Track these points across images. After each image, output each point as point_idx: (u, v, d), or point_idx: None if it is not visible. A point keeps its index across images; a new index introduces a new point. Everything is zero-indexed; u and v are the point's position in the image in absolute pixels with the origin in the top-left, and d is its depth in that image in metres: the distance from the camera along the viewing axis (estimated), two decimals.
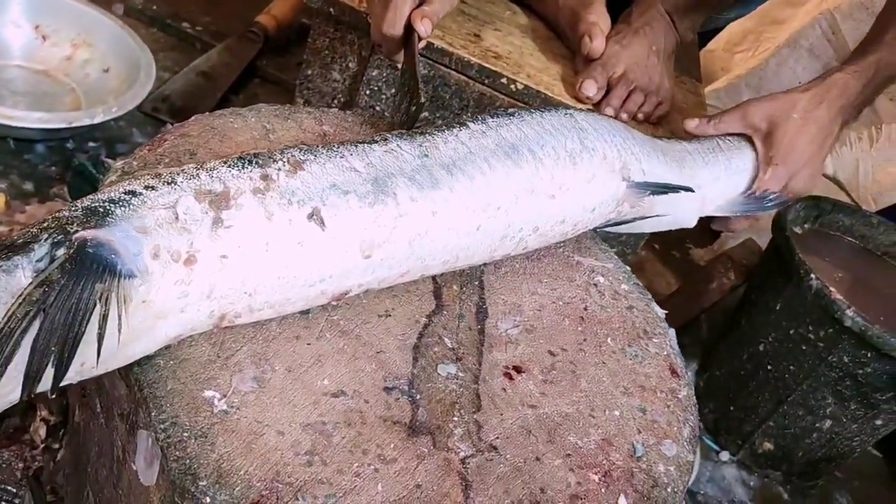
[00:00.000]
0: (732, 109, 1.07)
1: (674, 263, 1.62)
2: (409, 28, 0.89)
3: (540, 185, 0.71)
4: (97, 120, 1.24)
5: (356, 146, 0.65)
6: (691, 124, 1.05)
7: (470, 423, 0.60)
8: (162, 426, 0.52)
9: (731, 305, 1.34)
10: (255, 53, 1.61)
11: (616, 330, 0.73)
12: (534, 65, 1.18)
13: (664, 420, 0.67)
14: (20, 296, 0.48)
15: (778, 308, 1.18)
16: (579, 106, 1.12)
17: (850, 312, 1.07)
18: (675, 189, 0.85)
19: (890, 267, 1.32)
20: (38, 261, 0.50)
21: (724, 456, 1.28)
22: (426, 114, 1.20)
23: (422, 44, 0.92)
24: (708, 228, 1.73)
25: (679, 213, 0.93)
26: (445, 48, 1.13)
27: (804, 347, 1.15)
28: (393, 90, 1.19)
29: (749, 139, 1.04)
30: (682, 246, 1.66)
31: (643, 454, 0.63)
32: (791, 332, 1.16)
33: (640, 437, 0.64)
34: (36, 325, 0.48)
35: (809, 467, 1.25)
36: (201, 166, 0.59)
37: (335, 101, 1.25)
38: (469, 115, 0.85)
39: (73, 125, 1.22)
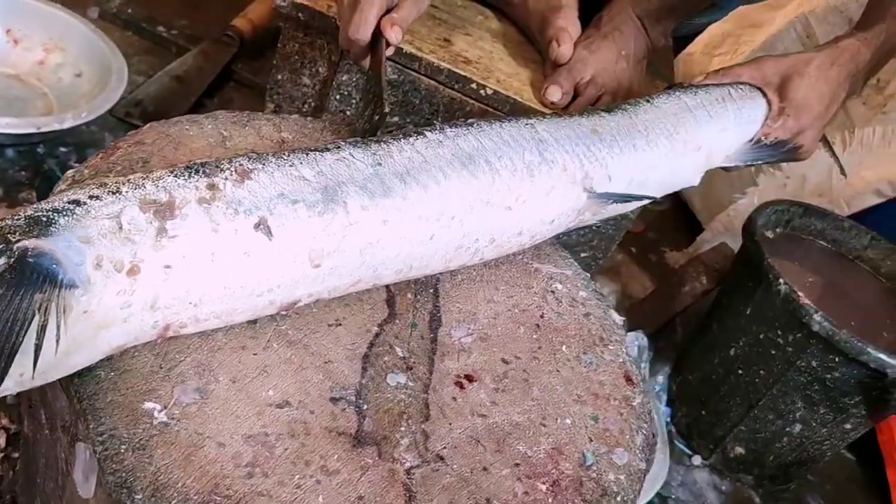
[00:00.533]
0: (745, 63, 1.05)
1: (649, 266, 1.62)
2: (377, 34, 0.89)
3: (496, 197, 0.71)
4: (67, 125, 1.24)
5: (307, 154, 0.64)
6: (698, 79, 1.04)
7: (417, 434, 0.59)
8: (100, 438, 0.51)
9: (704, 309, 1.35)
10: (230, 57, 1.61)
11: (572, 337, 0.73)
12: (504, 70, 1.18)
13: (616, 428, 0.67)
14: None
15: (748, 313, 1.18)
16: (547, 111, 1.12)
17: (817, 317, 1.07)
18: (637, 198, 0.85)
19: (862, 271, 1.33)
20: None
21: (697, 460, 1.28)
22: (396, 118, 1.20)
23: (390, 50, 0.92)
24: (683, 230, 1.74)
25: (679, 178, 0.93)
26: (415, 53, 1.13)
27: (774, 352, 1.15)
28: (362, 94, 1.19)
29: (761, 91, 1.02)
30: (658, 249, 1.66)
31: (593, 463, 0.63)
32: (761, 336, 1.16)
33: (591, 446, 0.64)
34: None
35: (780, 471, 1.26)
36: (147, 176, 0.58)
37: (305, 106, 1.24)
38: (435, 122, 0.84)
39: (43, 130, 1.21)
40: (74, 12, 1.42)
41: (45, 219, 0.53)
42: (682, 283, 1.34)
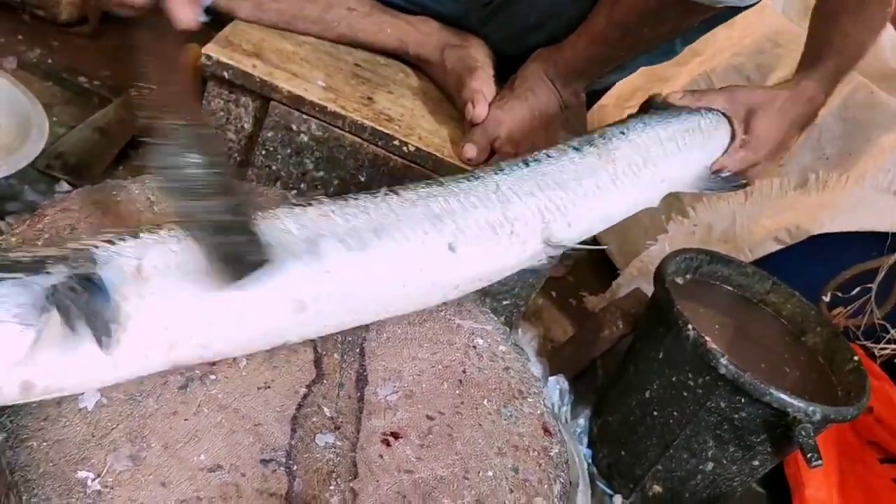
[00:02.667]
0: (716, 91, 1.10)
1: (569, 310, 1.68)
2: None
3: (462, 251, 0.75)
4: None
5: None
6: (676, 96, 1.07)
7: (346, 492, 0.62)
8: None
9: (621, 353, 1.40)
10: None
11: (493, 391, 0.77)
12: (425, 126, 1.22)
13: (535, 478, 0.70)
14: None
15: (660, 357, 1.24)
16: (468, 168, 1.17)
17: (723, 360, 1.14)
18: (589, 248, 0.91)
19: (765, 314, 1.41)
20: None
21: (618, 500, 1.33)
22: (322, 173, 1.23)
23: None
24: (601, 274, 1.81)
25: (638, 208, 0.97)
26: (339, 111, 1.17)
27: (685, 394, 1.21)
28: (288, 150, 1.22)
29: (728, 120, 1.07)
30: (577, 293, 1.72)
31: None
32: (673, 379, 1.22)
33: (511, 497, 0.67)
34: None
35: None
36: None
37: (231, 161, 1.26)
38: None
39: None
40: None
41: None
42: (601, 328, 1.39)
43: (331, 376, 0.71)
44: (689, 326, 1.17)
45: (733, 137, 1.07)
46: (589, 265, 1.82)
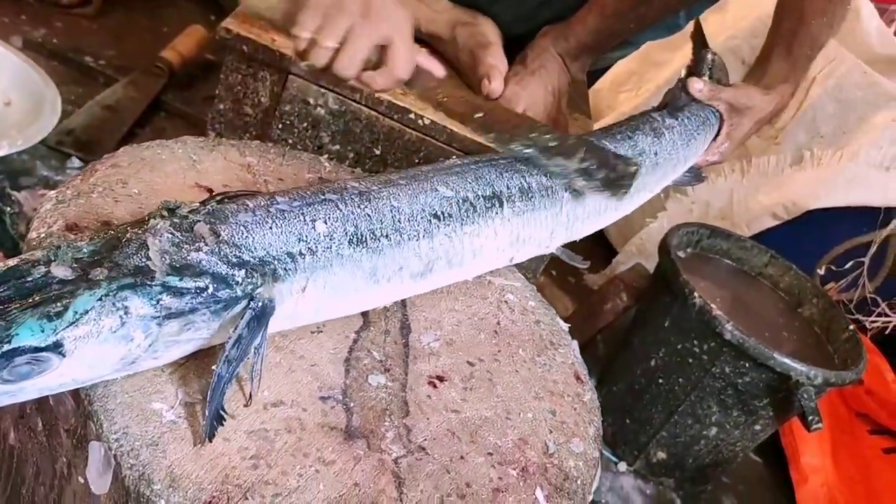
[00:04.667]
0: (726, 91, 1.12)
1: (569, 288, 1.71)
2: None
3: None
4: (2, 153, 1.24)
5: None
6: (696, 87, 1.10)
7: (400, 428, 0.65)
8: (114, 437, 0.54)
9: (623, 325, 1.44)
10: (160, 88, 1.63)
11: (526, 342, 0.80)
12: (438, 101, 1.25)
13: (572, 421, 0.74)
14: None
15: (666, 325, 1.28)
16: (480, 139, 1.20)
17: (729, 327, 1.18)
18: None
19: (763, 286, 1.45)
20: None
21: (622, 466, 1.37)
22: (337, 147, 1.26)
23: None
24: (598, 253, 1.84)
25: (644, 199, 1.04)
26: (356, 85, 1.19)
27: (690, 361, 1.25)
28: (305, 124, 1.24)
29: (720, 122, 1.11)
30: (576, 272, 1.76)
31: (555, 451, 0.69)
32: (678, 347, 1.26)
33: (551, 437, 0.71)
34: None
35: (699, 473, 1.35)
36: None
37: (247, 135, 1.28)
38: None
39: None
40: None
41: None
42: (605, 301, 1.43)
43: (376, 324, 0.74)
44: (695, 294, 1.21)
45: (717, 136, 1.13)
46: (587, 244, 1.86)
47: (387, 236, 0.67)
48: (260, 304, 0.59)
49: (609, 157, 0.77)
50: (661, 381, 1.30)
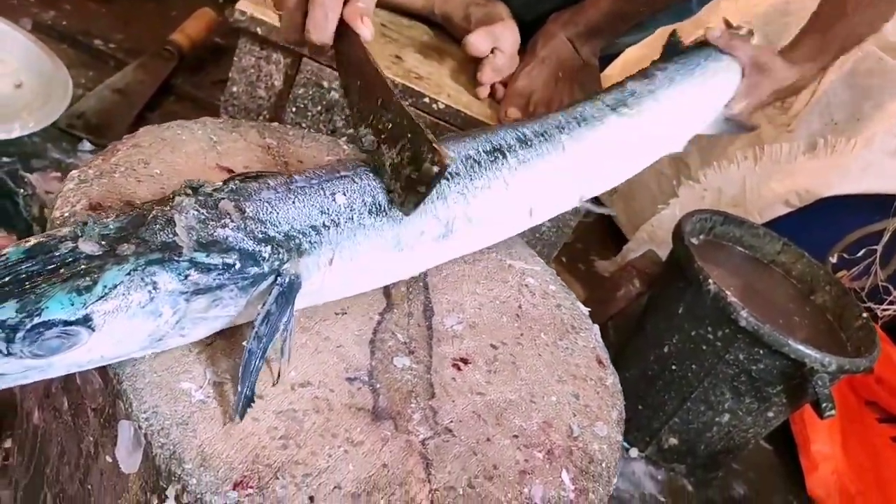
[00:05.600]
0: (746, 44, 1.13)
1: (580, 275, 1.71)
2: (343, 28, 0.79)
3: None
4: (14, 135, 1.23)
5: None
6: (714, 33, 1.11)
7: (426, 409, 0.64)
8: (144, 416, 0.54)
9: (636, 312, 1.44)
10: (170, 71, 1.62)
11: (548, 326, 0.80)
12: (452, 85, 1.25)
13: (595, 404, 0.73)
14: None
15: (680, 312, 1.28)
16: (493, 122, 1.20)
17: (744, 314, 1.17)
18: (602, 210, 0.98)
19: (775, 274, 1.45)
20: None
21: (634, 452, 1.37)
22: (351, 131, 1.25)
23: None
24: (608, 241, 1.84)
25: (665, 153, 1.02)
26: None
27: (704, 347, 1.25)
28: (318, 108, 1.24)
29: (741, 73, 1.12)
30: (587, 259, 1.76)
31: (579, 434, 0.69)
32: (692, 333, 1.26)
33: (575, 420, 0.70)
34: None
35: (710, 460, 1.36)
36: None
37: (260, 118, 1.28)
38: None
39: None
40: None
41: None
42: (617, 288, 1.43)
43: (400, 306, 0.73)
44: (710, 281, 1.21)
45: (739, 86, 1.13)
46: (597, 231, 1.86)
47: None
48: (287, 279, 0.59)
49: (423, 150, 0.65)
50: (674, 367, 1.30)
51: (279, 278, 0.59)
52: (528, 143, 0.79)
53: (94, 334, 0.51)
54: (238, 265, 0.57)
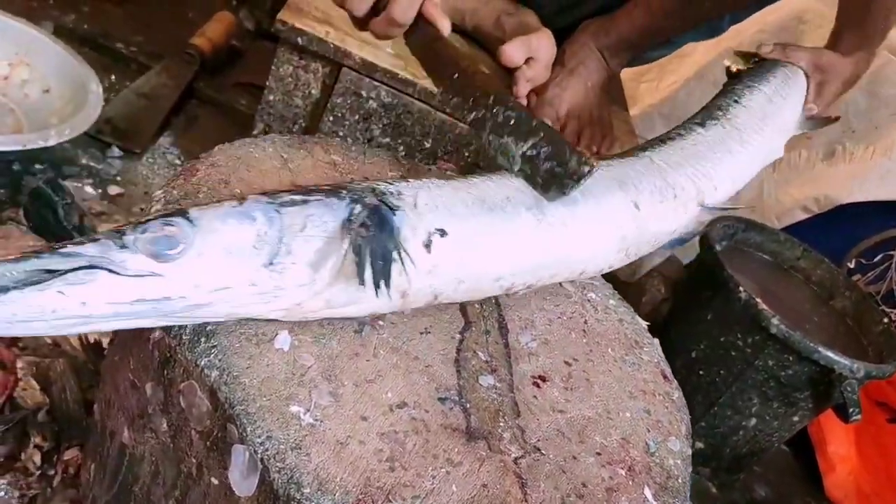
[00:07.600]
0: (799, 49, 1.19)
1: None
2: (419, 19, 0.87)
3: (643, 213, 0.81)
4: (51, 142, 1.23)
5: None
6: (766, 48, 1.17)
7: (514, 428, 0.66)
8: (259, 440, 0.55)
9: (659, 318, 1.46)
10: (192, 74, 1.61)
11: (613, 341, 0.82)
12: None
13: (666, 420, 0.75)
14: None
15: (708, 318, 1.30)
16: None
17: (775, 321, 1.20)
18: (735, 207, 1.01)
19: (795, 279, 1.48)
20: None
21: None
22: (388, 140, 1.26)
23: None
24: None
25: (770, 159, 1.06)
26: (410, 78, 1.20)
27: (733, 353, 1.27)
28: (356, 116, 1.25)
29: (804, 74, 1.16)
30: None
31: (655, 450, 0.71)
32: (721, 339, 1.29)
33: (650, 436, 0.72)
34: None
35: (734, 462, 1.38)
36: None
37: (296, 127, 1.28)
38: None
39: (28, 147, 1.20)
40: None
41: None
42: (643, 293, 1.45)
43: (476, 324, 0.75)
44: (741, 289, 1.23)
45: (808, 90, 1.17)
46: None
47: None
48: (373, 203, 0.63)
49: (566, 151, 0.69)
50: (701, 372, 1.32)
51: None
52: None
53: (199, 232, 0.56)
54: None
